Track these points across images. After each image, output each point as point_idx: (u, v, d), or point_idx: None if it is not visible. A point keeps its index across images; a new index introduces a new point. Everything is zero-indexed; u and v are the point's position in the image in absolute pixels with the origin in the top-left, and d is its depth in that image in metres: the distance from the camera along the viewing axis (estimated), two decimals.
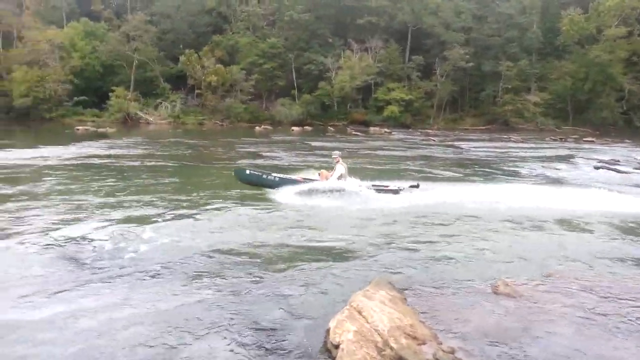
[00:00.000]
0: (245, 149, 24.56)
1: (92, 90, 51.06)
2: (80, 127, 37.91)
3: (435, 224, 8.93)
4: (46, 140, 27.57)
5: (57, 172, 14.40)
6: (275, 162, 18.64)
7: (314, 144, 28.36)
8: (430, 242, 7.79)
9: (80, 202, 10.01)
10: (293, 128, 43.72)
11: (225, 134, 36.45)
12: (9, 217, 8.47)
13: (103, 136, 31.26)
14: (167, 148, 23.86)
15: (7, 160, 17.12)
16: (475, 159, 22.63)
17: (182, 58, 50.50)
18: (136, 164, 17.28)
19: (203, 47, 52.16)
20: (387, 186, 11.75)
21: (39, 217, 8.52)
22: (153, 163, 17.38)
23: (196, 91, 52.21)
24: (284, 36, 55.35)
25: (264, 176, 11.81)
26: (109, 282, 5.55)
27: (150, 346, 4.17)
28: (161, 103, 50.70)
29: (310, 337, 4.48)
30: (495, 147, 28.90)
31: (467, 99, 56.23)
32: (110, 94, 48.65)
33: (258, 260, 6.51)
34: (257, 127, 44.88)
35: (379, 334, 4.29)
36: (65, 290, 5.25)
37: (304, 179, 11.70)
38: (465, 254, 7.18)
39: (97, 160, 17.78)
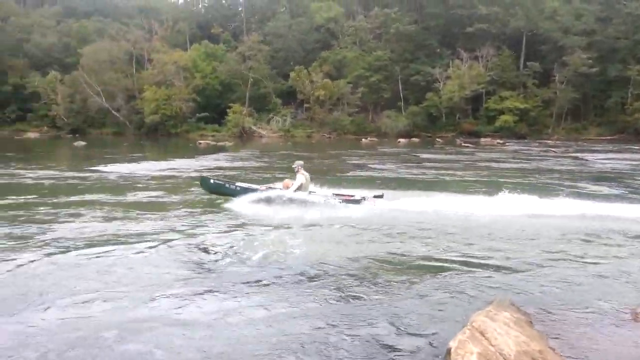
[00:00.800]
0: (353, 160, 24.86)
1: (212, 107, 55.14)
2: (202, 141, 41.00)
3: (560, 240, 8.30)
4: (173, 153, 30.26)
5: (184, 182, 15.68)
6: (385, 175, 18.60)
7: (422, 155, 27.89)
8: (552, 259, 7.24)
9: (204, 209, 10.78)
10: (399, 140, 43.40)
11: (332, 146, 37.20)
12: (145, 221, 9.36)
13: (222, 149, 33.50)
14: (280, 159, 24.97)
15: (142, 171, 19.04)
16: (604, 171, 20.69)
17: (292, 74, 52.68)
18: (254, 175, 18.25)
19: (312, 63, 53.98)
20: (353, 196, 11.39)
21: (170, 222, 9.31)
22: (269, 175, 18.23)
23: (305, 105, 54.12)
24: (390, 48, 55.41)
25: (227, 185, 11.95)
26: (225, 287, 5.85)
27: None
28: (273, 117, 53.22)
29: (428, 357, 4.38)
30: (627, 159, 26.19)
31: (590, 106, 51.73)
32: (227, 110, 52.16)
33: (367, 272, 6.49)
34: (363, 139, 45.21)
35: (504, 358, 4.08)
36: (194, 294, 5.64)
37: (268, 187, 11.64)
38: (596, 274, 6.57)
39: (218, 172, 19.07)
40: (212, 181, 12.24)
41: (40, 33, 66.52)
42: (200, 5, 74.37)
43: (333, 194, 11.50)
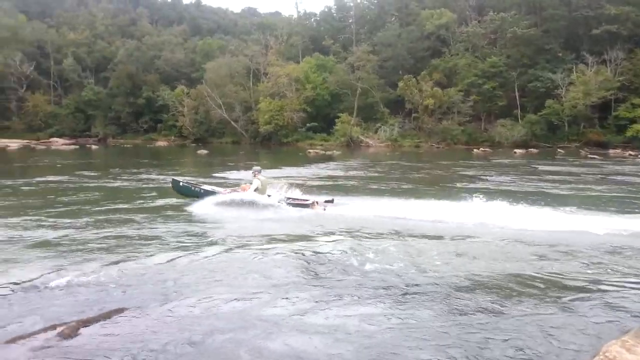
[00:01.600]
0: (464, 171, 24.10)
1: (321, 117, 56.73)
2: (311, 150, 42.33)
3: None
4: (285, 161, 31.65)
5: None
6: (502, 188, 17.75)
7: (543, 167, 26.14)
8: None
9: (317, 216, 11.17)
10: (515, 150, 41.16)
11: (442, 156, 36.36)
12: (264, 226, 9.96)
13: (330, 158, 34.34)
14: (389, 169, 25.00)
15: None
16: None
17: (400, 83, 52.41)
18: (358, 183, 18.53)
19: (421, 72, 53.27)
20: (306, 200, 12.07)
21: (286, 227, 9.82)
22: (375, 186, 18.37)
23: (413, 114, 53.50)
24: (505, 54, 52.93)
25: (193, 188, 12.76)
26: (344, 294, 6.03)
27: None
28: (380, 127, 53.31)
29: None
30: None
31: None
32: (336, 119, 53.28)
33: (481, 289, 6.31)
34: (474, 150, 43.56)
35: None
36: (314, 299, 5.91)
37: (232, 190, 12.30)
38: None
39: (330, 181, 19.62)
40: (181, 183, 13.25)
41: (170, 50, 73.41)
42: (312, 20, 77.00)
43: (286, 197, 12.21)
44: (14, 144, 54.74)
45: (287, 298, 5.83)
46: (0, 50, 70.32)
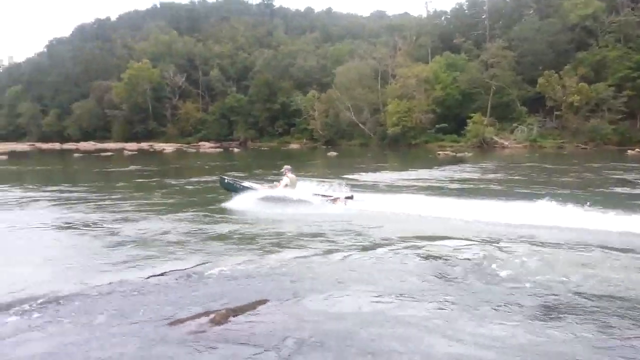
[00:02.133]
0: (619, 175, 21.56)
1: (451, 118, 54.93)
2: (440, 152, 41.21)
3: None
4: (413, 163, 31.23)
5: (428, 191, 16.06)
6: None
7: None
8: None
9: (448, 219, 10.87)
10: None
11: (589, 158, 32.96)
12: (391, 227, 9.98)
13: (461, 160, 33.11)
14: (528, 172, 23.34)
15: (387, 179, 20.29)
16: None
17: (540, 80, 48.57)
18: (498, 186, 17.57)
19: (564, 66, 48.82)
20: (330, 196, 12.94)
21: (414, 229, 9.72)
22: (519, 189, 17.29)
23: (555, 113, 49.26)
24: None
25: (234, 184, 14.23)
26: (476, 299, 5.81)
27: None
28: (517, 127, 50.02)
29: None
30: None
31: None
32: (467, 120, 51.17)
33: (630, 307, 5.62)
34: (629, 151, 38.76)
35: None
36: (441, 304, 5.79)
37: (270, 187, 13.47)
38: None
39: (458, 184, 18.96)
40: (226, 180, 14.74)
41: (303, 58, 76.78)
42: (442, 18, 74.96)
43: (313, 194, 13.05)
44: (169, 147, 61.70)
45: (422, 300, 5.79)
46: (158, 64, 79.82)
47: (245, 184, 14.33)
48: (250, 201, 12.80)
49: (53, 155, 52.58)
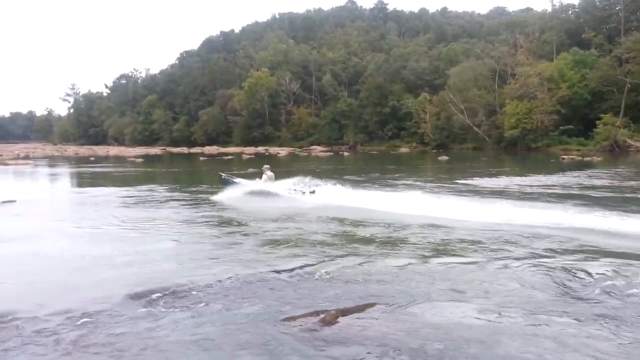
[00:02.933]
0: None
1: (577, 119, 50.64)
2: (565, 156, 38.19)
3: None
4: (534, 168, 29.33)
5: (553, 199, 15.01)
6: None
7: None
8: None
9: (573, 229, 10.09)
10: None
11: None
12: (504, 235, 9.52)
13: (589, 165, 30.40)
14: None
15: (503, 186, 19.30)
16: None
17: None
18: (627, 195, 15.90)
19: None
20: (304, 191, 15.62)
21: (530, 236, 9.17)
22: None
23: None
24: None
25: (229, 180, 17.49)
26: (601, 316, 5.36)
27: None
28: None
29: None
30: None
31: None
32: (596, 121, 46.78)
33: None
34: None
35: None
36: (565, 319, 5.43)
37: (256, 182, 16.70)
38: None
39: (583, 192, 17.45)
40: (223, 176, 18.19)
41: (415, 60, 75.74)
42: (570, 12, 69.20)
43: (286, 188, 15.97)
44: (282, 151, 64.47)
45: (541, 314, 5.51)
46: (275, 71, 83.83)
47: (236, 180, 17.70)
48: (239, 193, 16.06)
49: (182, 158, 57.58)
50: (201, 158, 52.12)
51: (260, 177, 16.84)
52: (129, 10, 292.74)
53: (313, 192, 15.75)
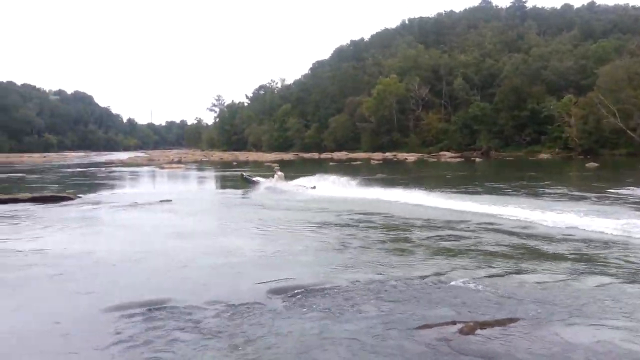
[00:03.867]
0: None
1: None
2: None
3: None
4: None
5: None
6: None
7: None
8: None
9: None
10: None
11: None
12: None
13: None
14: None
15: None
16: None
17: None
18: None
19: None
20: (304, 186, 20.27)
21: None
22: None
23: None
24: None
25: (249, 179, 22.76)
26: None
27: None
28: None
29: None
30: None
31: None
32: None
33: None
34: None
35: None
36: None
37: (272, 180, 21.90)
38: None
39: None
40: (244, 176, 23.68)
41: (558, 59, 69.83)
42: None
43: (293, 184, 20.70)
44: (411, 157, 63.73)
45: None
46: (404, 77, 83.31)
47: (255, 178, 22.85)
48: (259, 189, 20.86)
49: (313, 163, 59.86)
50: (330, 163, 53.66)
51: (273, 176, 22.34)
52: (268, 26, 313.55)
53: (314, 187, 19.80)
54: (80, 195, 19.64)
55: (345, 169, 44.05)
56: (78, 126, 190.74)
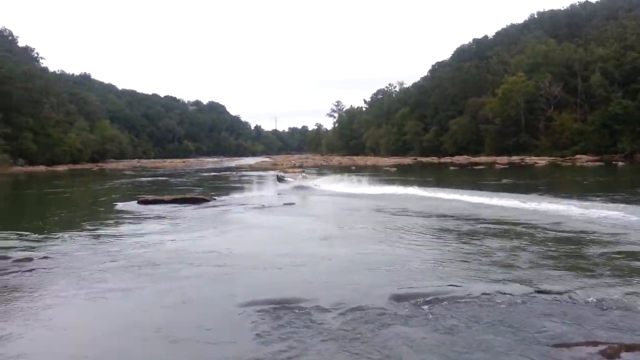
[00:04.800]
0: None
1: None
2: None
3: None
4: None
5: None
6: None
7: None
8: None
9: None
10: None
11: None
12: None
13: None
14: None
15: None
16: None
17: None
18: None
19: None
20: (318, 185, 25.94)
21: None
22: None
23: None
24: None
25: (282, 178, 27.59)
26: None
27: None
28: None
29: None
30: None
31: None
32: None
33: None
34: None
35: None
36: None
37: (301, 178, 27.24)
38: None
39: None
40: (278, 175, 28.48)
41: None
42: None
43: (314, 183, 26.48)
44: (541, 161, 59.34)
45: None
46: (533, 75, 77.86)
47: (287, 178, 27.28)
48: (289, 187, 25.35)
49: (432, 167, 58.58)
50: (451, 167, 52.08)
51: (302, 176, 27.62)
52: (387, 30, 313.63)
53: (317, 185, 25.69)
54: (215, 197, 21.43)
55: (467, 173, 42.49)
56: (212, 133, 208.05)
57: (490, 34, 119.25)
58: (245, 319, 6.01)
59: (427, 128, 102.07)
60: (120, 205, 19.27)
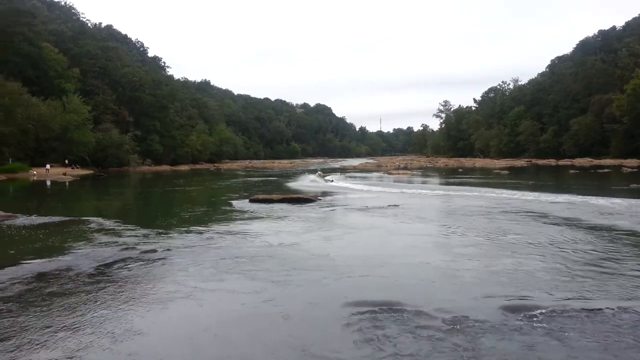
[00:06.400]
0: None
1: None
2: None
3: None
4: None
5: None
6: None
7: None
8: None
9: None
10: None
11: None
12: None
13: None
14: None
15: None
16: None
17: None
18: None
19: None
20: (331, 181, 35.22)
21: None
22: None
23: None
24: None
25: (320, 176, 40.17)
26: None
27: None
28: None
29: None
30: None
31: None
32: None
33: None
34: None
35: None
36: None
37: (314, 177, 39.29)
38: None
39: None
40: (317, 172, 44.84)
41: None
42: None
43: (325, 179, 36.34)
44: None
45: None
46: None
47: (309, 176, 35.13)
48: (306, 182, 32.40)
49: (548, 170, 54.56)
50: (571, 171, 48.15)
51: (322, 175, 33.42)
52: (498, 28, 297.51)
53: (331, 180, 30.42)
54: (320, 197, 22.05)
55: (590, 177, 39.05)
56: (318, 135, 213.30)
57: (619, 24, 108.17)
58: (349, 318, 6.13)
59: (544, 128, 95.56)
60: (235, 203, 20.59)
